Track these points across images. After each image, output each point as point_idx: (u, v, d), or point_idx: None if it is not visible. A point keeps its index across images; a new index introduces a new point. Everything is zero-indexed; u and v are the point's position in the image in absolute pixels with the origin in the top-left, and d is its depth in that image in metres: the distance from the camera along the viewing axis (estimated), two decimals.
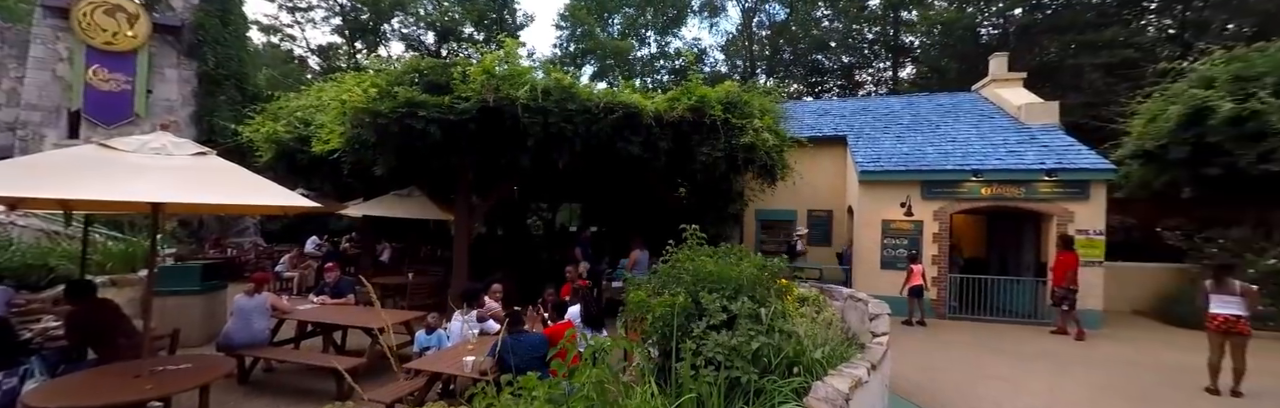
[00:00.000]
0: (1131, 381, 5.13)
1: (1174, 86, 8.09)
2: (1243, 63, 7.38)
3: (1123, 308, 8.95)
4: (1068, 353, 6.21)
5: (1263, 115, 6.62)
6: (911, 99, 11.61)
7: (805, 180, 10.40)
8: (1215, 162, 7.41)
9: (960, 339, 6.79)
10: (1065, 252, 7.25)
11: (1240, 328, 4.65)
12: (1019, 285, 8.17)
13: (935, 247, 8.24)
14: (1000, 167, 7.88)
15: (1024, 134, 8.76)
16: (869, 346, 3.53)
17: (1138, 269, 9.08)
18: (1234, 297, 4.65)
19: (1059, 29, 17.39)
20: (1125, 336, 7.15)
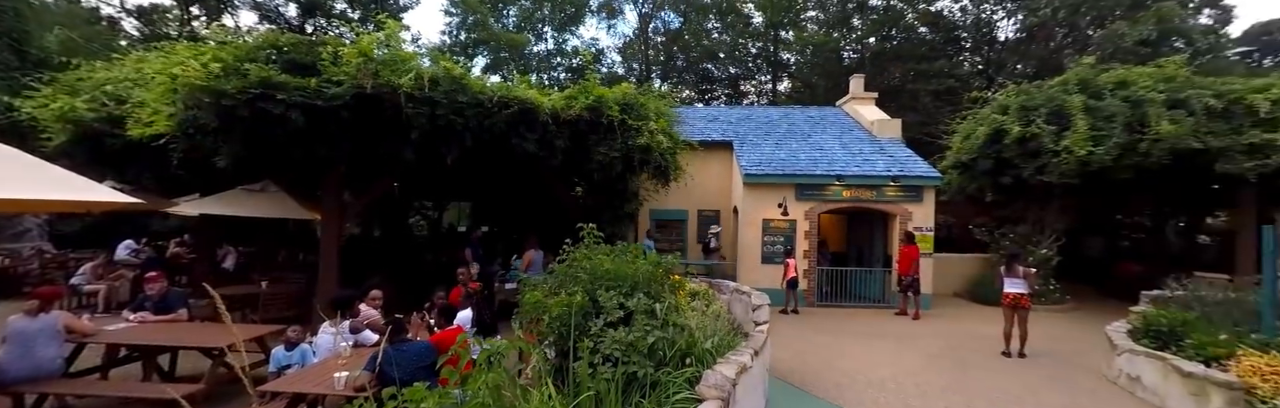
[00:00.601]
0: (952, 349, 6.21)
1: (981, 112, 9.96)
2: (1026, 96, 9.32)
3: (946, 291, 10.78)
4: (908, 330, 7.34)
5: (1039, 137, 8.42)
6: (787, 111, 12.86)
7: (696, 182, 10.93)
8: (1008, 173, 9.27)
9: (826, 324, 7.67)
10: (908, 245, 8.56)
11: (1024, 303, 5.89)
12: (872, 275, 9.47)
13: (806, 243, 9.21)
14: (858, 173, 9.07)
15: (875, 146, 10.17)
16: (752, 334, 3.84)
17: (956, 259, 11.00)
18: (1020, 279, 5.88)
19: (902, 58, 20.47)
20: (948, 314, 8.63)
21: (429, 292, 5.50)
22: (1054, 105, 8.60)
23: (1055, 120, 8.43)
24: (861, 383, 4.88)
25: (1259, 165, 7.45)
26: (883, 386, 4.79)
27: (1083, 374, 5.30)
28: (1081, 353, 6.06)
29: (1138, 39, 15.87)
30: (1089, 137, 7.85)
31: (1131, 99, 8.13)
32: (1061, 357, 5.93)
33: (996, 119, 9.15)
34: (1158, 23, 16.31)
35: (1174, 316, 5.06)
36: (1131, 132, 7.88)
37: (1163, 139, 7.58)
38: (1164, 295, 6.38)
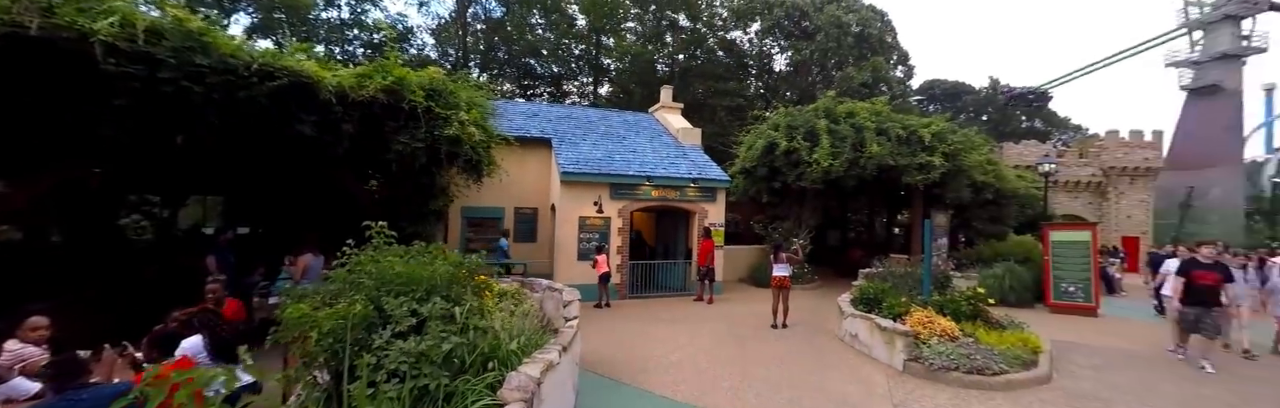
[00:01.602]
0: (735, 327, 7.24)
1: (760, 128, 11.92)
2: (791, 117, 11.48)
3: (734, 278, 12.56)
4: (703, 314, 8.31)
5: (798, 151, 10.46)
6: (605, 113, 13.41)
7: (514, 178, 10.56)
8: (778, 178, 11.27)
9: (635, 314, 8.20)
10: (705, 239, 9.72)
11: (786, 283, 7.19)
12: (676, 267, 10.47)
13: (620, 239, 9.71)
14: (665, 174, 9.94)
15: (680, 151, 11.30)
16: (562, 330, 3.85)
17: (742, 250, 12.91)
18: (784, 264, 7.17)
19: (704, 76, 23.25)
20: (736, 297, 10.05)
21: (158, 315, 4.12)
22: (808, 126, 10.76)
23: (809, 138, 10.57)
24: (663, 365, 5.33)
25: (924, 178, 10.50)
26: (680, 365, 5.31)
27: (824, 337, 6.72)
28: (824, 320, 7.69)
29: (861, 82, 21.00)
30: (830, 152, 10.04)
31: (856, 126, 10.66)
32: (811, 325, 7.43)
33: (771, 134, 11.04)
34: (873, 71, 21.85)
35: (876, 287, 6.81)
36: (855, 150, 10.33)
37: (873, 157, 10.12)
38: (873, 272, 8.53)
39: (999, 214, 13.63)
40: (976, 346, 5.09)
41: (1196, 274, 5.47)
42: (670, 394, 4.43)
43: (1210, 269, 5.49)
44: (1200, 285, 5.42)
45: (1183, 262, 5.98)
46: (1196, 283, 5.44)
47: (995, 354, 4.94)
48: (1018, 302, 9.43)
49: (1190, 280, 5.48)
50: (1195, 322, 5.44)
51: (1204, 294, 5.40)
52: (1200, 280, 5.42)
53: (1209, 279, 5.40)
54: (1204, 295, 5.41)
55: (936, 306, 6.03)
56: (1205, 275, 5.42)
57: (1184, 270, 5.64)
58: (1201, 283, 5.42)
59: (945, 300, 6.15)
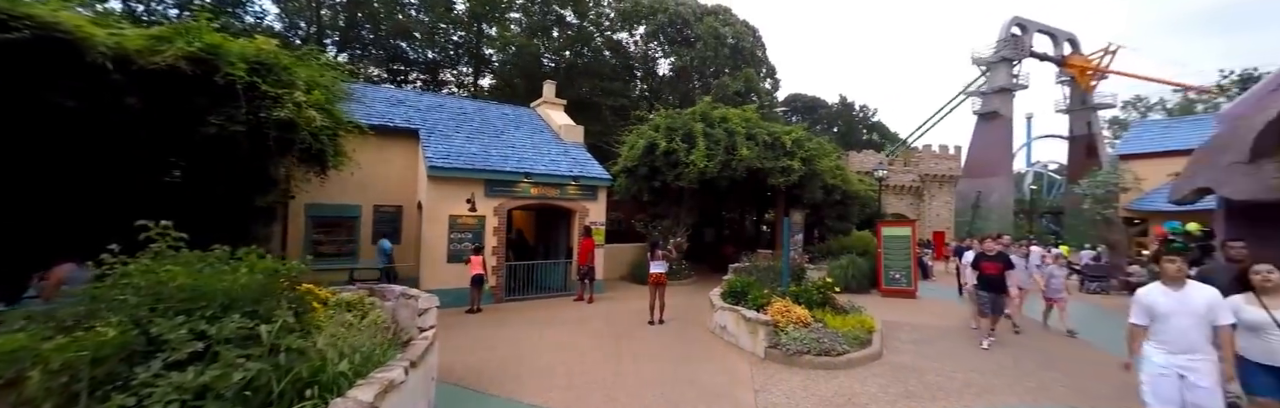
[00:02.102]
0: (614, 324, 7.23)
1: (642, 128, 12.15)
2: (671, 119, 11.89)
3: (614, 276, 12.64)
4: (583, 313, 8.18)
5: (677, 152, 10.85)
6: (483, 105, 12.61)
7: (373, 173, 9.46)
8: (658, 178, 11.58)
9: (512, 317, 7.79)
10: (586, 239, 9.59)
11: (663, 280, 7.36)
12: (557, 267, 10.20)
13: (496, 239, 9.17)
14: (545, 172, 9.62)
15: (562, 148, 11.04)
16: (414, 342, 3.43)
17: (623, 248, 13.06)
18: (661, 261, 7.33)
19: (590, 74, 23.15)
20: (616, 295, 10.09)
21: None
22: (686, 129, 11.22)
23: (687, 140, 11.01)
24: (536, 370, 5.09)
25: (785, 180, 11.56)
26: (553, 369, 5.11)
27: (697, 330, 7.00)
28: (698, 314, 8.03)
29: (735, 90, 22.59)
30: (705, 154, 10.57)
31: (728, 130, 11.35)
32: (686, 319, 7.70)
33: (651, 135, 11.30)
34: (746, 82, 23.64)
35: (743, 280, 7.28)
36: (728, 153, 11.02)
37: (743, 160, 10.87)
38: (740, 267, 9.14)
39: (845, 213, 15.59)
40: (825, 330, 5.67)
41: (984, 265, 6.32)
42: (540, 401, 4.21)
43: (994, 260, 6.32)
44: (988, 275, 6.26)
45: (976, 255, 6.70)
46: (985, 273, 6.29)
47: (840, 337, 5.54)
48: (858, 288, 10.83)
49: (980, 271, 6.35)
50: (990, 305, 6.26)
51: (992, 282, 6.22)
52: (987, 271, 6.26)
53: (993, 269, 6.23)
54: (992, 283, 6.22)
55: (793, 296, 6.62)
56: (990, 266, 6.27)
57: (976, 263, 6.50)
58: (988, 273, 6.25)
59: (800, 291, 6.78)
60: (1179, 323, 2.97)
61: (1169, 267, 3.10)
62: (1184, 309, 2.97)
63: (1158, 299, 3.07)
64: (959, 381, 4.82)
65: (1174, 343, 2.98)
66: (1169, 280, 3.10)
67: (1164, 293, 3.08)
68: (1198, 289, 3.03)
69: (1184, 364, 2.94)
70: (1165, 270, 3.12)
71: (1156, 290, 3.12)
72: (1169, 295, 3.04)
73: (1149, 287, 3.19)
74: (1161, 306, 3.04)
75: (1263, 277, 3.07)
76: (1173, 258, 3.12)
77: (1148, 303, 3.09)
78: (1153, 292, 3.12)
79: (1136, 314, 3.14)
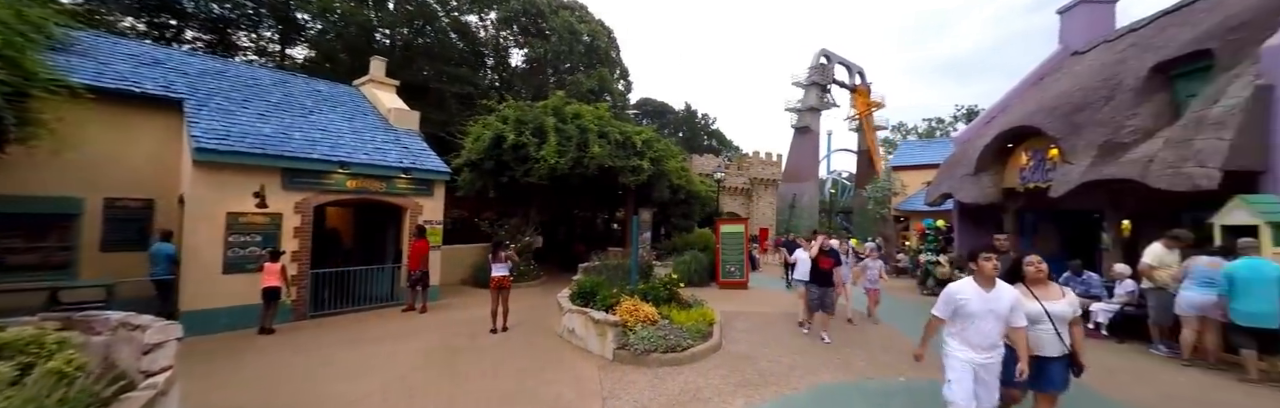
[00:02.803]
0: (450, 337, 6.39)
1: (489, 119, 11.23)
2: (521, 112, 11.20)
3: (454, 280, 11.47)
4: (413, 326, 7.11)
5: (527, 147, 10.24)
6: (287, 77, 10.29)
7: (107, 154, 7.10)
8: (506, 173, 10.81)
9: (318, 337, 6.39)
10: (419, 240, 8.41)
11: (506, 283, 6.75)
12: (382, 273, 8.77)
13: (298, 242, 7.50)
14: (368, 161, 8.19)
15: (391, 135, 9.58)
16: (129, 396, 2.39)
17: (465, 249, 11.92)
18: (503, 263, 6.71)
19: (433, 57, 20.89)
20: (455, 302, 9.06)
21: None
22: (538, 123, 10.67)
23: (537, 134, 10.47)
24: (346, 400, 4.14)
25: (635, 179, 11.75)
26: (362, 403, 4.21)
27: (544, 335, 6.56)
28: (546, 318, 7.59)
29: (589, 88, 22.56)
30: (557, 150, 10.16)
31: (581, 127, 11.10)
32: (533, 324, 7.20)
33: (500, 127, 10.50)
34: (600, 81, 23.78)
35: (592, 280, 7.07)
36: (580, 150, 10.77)
37: (595, 157, 10.73)
38: (590, 266, 8.95)
39: (689, 211, 16.60)
40: (671, 326, 5.73)
41: (818, 260, 6.43)
42: None
43: (827, 256, 6.42)
44: (822, 270, 6.37)
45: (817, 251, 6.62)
46: (819, 267, 6.40)
47: (684, 332, 5.64)
48: (699, 282, 11.51)
49: (814, 266, 6.46)
50: (820, 300, 6.34)
51: (824, 277, 6.35)
52: (821, 265, 6.39)
53: (827, 265, 6.37)
54: (824, 278, 6.35)
55: (642, 294, 6.62)
56: (825, 261, 6.39)
57: (811, 258, 6.57)
58: (822, 267, 6.37)
59: (649, 288, 6.81)
60: (985, 324, 2.93)
61: (985, 265, 2.96)
62: (992, 311, 2.92)
63: (970, 298, 2.95)
64: (785, 364, 5.24)
65: (979, 343, 2.96)
66: (984, 279, 2.98)
67: (977, 293, 2.96)
68: (1005, 290, 2.97)
69: (982, 362, 2.97)
70: (981, 269, 2.97)
71: (970, 289, 2.99)
72: (981, 296, 2.94)
73: (961, 284, 3.05)
74: (972, 305, 2.94)
75: (1035, 267, 3.12)
76: (990, 256, 2.97)
77: (959, 301, 2.98)
78: (965, 290, 2.99)
79: (942, 308, 3.06)
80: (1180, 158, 6.46)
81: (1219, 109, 6.42)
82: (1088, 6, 12.88)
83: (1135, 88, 8.25)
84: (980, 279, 3.02)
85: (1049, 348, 3.06)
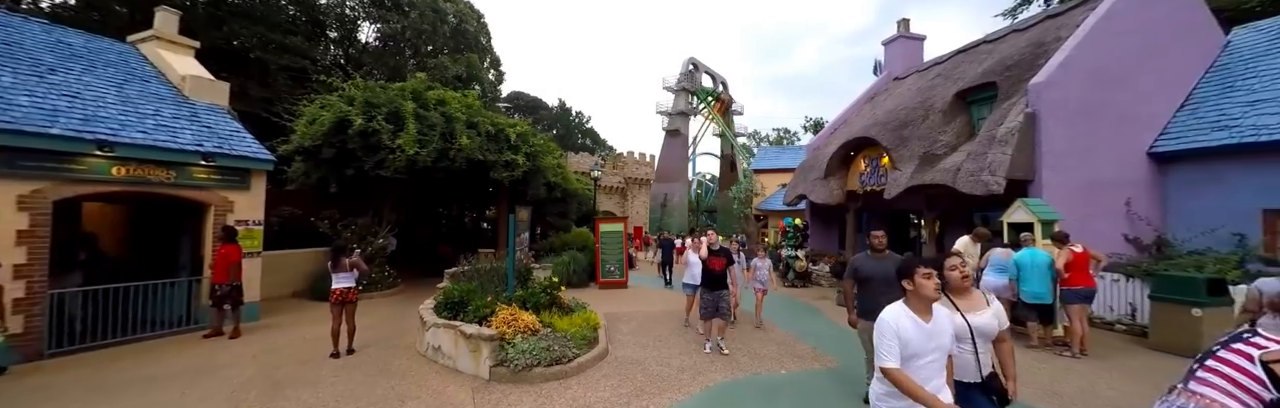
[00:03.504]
0: (271, 369, 5.06)
1: (329, 98, 9.43)
2: (371, 93, 9.60)
3: (283, 293, 9.47)
4: (217, 356, 5.52)
5: (379, 134, 8.79)
6: (17, 21, 7.37)
7: None
8: (352, 164, 9.18)
9: (77, 381, 4.58)
10: (227, 245, 6.64)
11: (350, 296, 5.60)
12: (173, 289, 6.74)
13: (24, 252, 5.35)
14: (146, 142, 6.20)
15: (185, 109, 7.43)
16: None
17: (297, 255, 9.91)
18: (347, 273, 5.55)
19: (255, 19, 17.14)
20: (282, 321, 7.37)
21: None
22: (393, 107, 9.24)
23: (393, 121, 9.07)
24: None
25: (509, 175, 10.90)
26: None
27: (402, 356, 5.57)
28: (404, 333, 6.52)
29: (455, 74, 20.63)
30: (417, 139, 8.90)
31: (446, 115, 9.91)
32: (387, 343, 6.11)
33: (345, 109, 8.87)
34: (468, 67, 21.91)
35: (462, 288, 6.23)
36: (445, 140, 9.60)
37: (463, 150, 9.66)
38: (459, 271, 7.97)
39: (565, 210, 16.05)
40: (555, 335, 5.25)
41: (709, 261, 5.83)
42: None
43: (718, 256, 5.84)
44: (712, 271, 5.78)
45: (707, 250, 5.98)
46: (709, 268, 5.80)
47: (569, 340, 5.20)
48: (578, 283, 11.12)
49: (706, 267, 5.84)
50: (713, 306, 5.68)
51: (716, 279, 5.76)
52: (712, 266, 5.79)
53: (718, 265, 5.77)
54: (716, 280, 5.76)
55: (520, 301, 6.00)
56: (716, 262, 5.79)
57: (702, 259, 5.93)
58: (713, 269, 5.79)
59: (528, 294, 6.21)
60: (930, 366, 2.16)
61: (926, 284, 2.16)
62: (939, 348, 2.17)
63: (910, 335, 2.12)
64: (674, 367, 5.12)
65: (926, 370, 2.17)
66: (921, 305, 2.18)
67: (915, 325, 2.15)
68: (943, 316, 2.24)
69: None
70: (919, 289, 2.17)
71: (906, 322, 2.16)
72: (921, 329, 2.14)
73: (893, 313, 2.18)
74: (914, 344, 2.11)
75: (959, 272, 2.43)
76: (929, 272, 2.18)
77: (902, 340, 2.12)
78: (901, 322, 2.16)
79: (891, 351, 2.10)
80: (979, 168, 7.85)
81: (1004, 129, 7.93)
82: (904, 40, 15.32)
83: (943, 110, 9.91)
84: (915, 303, 2.19)
85: (966, 373, 2.39)
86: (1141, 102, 8.56)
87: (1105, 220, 8.04)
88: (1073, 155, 7.84)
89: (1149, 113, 8.64)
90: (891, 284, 3.30)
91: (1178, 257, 7.53)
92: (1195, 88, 9.03)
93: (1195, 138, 8.11)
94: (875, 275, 3.92)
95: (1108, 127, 8.21)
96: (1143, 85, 8.57)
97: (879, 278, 3.85)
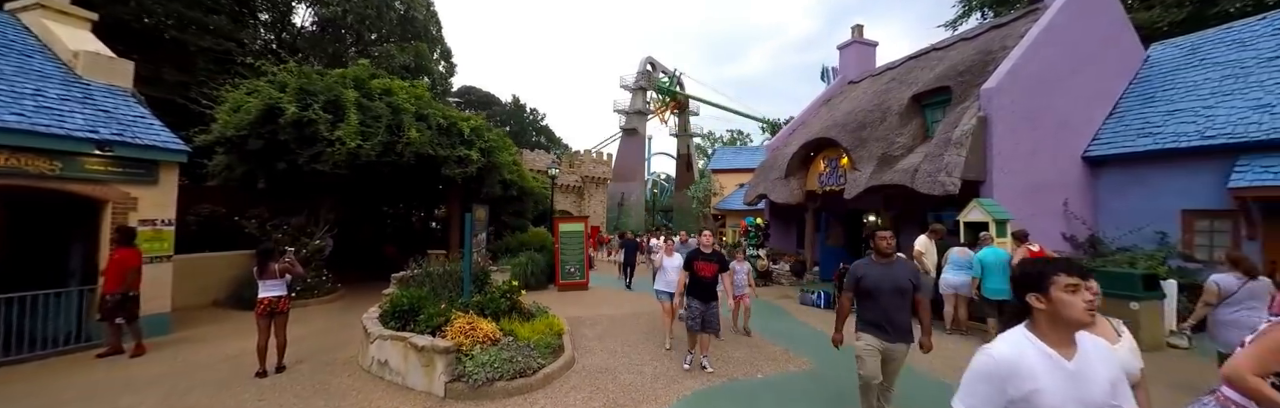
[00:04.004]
0: (189, 387, 4.36)
1: (258, 83, 8.47)
2: (307, 79, 8.70)
3: (202, 302, 8.45)
4: (120, 377, 4.73)
5: (316, 124, 7.96)
6: None
7: None
8: (284, 158, 8.29)
9: None
10: (123, 248, 5.73)
11: (281, 306, 4.94)
12: (59, 300, 5.74)
13: None
14: (22, 126, 5.22)
15: (77, 90, 6.37)
16: None
17: (217, 258, 8.87)
18: (277, 280, 4.89)
19: None
20: (197, 335, 6.49)
21: None
22: (333, 95, 8.41)
23: (332, 110, 8.25)
24: None
25: (463, 172, 10.26)
26: None
27: (342, 372, 4.98)
28: (344, 346, 5.88)
29: (403, 64, 19.45)
30: (359, 131, 8.14)
31: (393, 106, 9.15)
32: (324, 358, 5.47)
33: (275, 96, 7.96)
34: (416, 57, 20.72)
35: (412, 294, 5.68)
36: (392, 133, 8.86)
37: (412, 143, 8.95)
38: (408, 275, 7.33)
39: (521, 209, 15.43)
40: (517, 344, 4.84)
41: (699, 266, 4.91)
42: None
43: (709, 260, 4.92)
44: (702, 278, 4.88)
45: (689, 254, 5.11)
46: (698, 275, 4.90)
47: (532, 350, 4.81)
48: (537, 285, 10.63)
49: (694, 273, 4.92)
50: (701, 320, 4.83)
51: (706, 288, 4.90)
52: (702, 273, 4.89)
53: (709, 271, 4.91)
54: (705, 289, 4.90)
55: (478, 307, 5.54)
56: (705, 267, 4.91)
57: (689, 263, 4.97)
58: (703, 275, 4.88)
59: (486, 300, 5.75)
60: None
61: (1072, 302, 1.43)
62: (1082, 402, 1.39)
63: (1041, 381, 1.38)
64: (648, 375, 4.85)
65: None
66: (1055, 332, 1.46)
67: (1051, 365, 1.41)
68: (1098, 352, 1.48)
69: None
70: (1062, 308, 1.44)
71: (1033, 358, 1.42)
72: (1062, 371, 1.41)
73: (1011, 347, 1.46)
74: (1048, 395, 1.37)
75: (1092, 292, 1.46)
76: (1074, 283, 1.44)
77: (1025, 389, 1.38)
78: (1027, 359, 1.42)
79: None
80: (936, 169, 8.06)
81: (958, 132, 8.19)
82: (858, 46, 15.79)
83: (899, 112, 10.19)
84: (1050, 330, 1.47)
85: None
86: (1077, 108, 9.12)
87: (1047, 219, 8.49)
88: (1018, 158, 8.21)
89: (1083, 119, 9.23)
90: (905, 296, 3.12)
91: (1110, 254, 8.05)
92: (1121, 97, 9.74)
93: (1123, 143, 8.72)
94: (882, 286, 3.22)
95: (1048, 131, 8.67)
96: (1078, 93, 9.14)
97: (888, 290, 3.21)
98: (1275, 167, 6.82)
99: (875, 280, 3.28)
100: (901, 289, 3.18)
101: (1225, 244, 7.53)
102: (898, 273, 3.25)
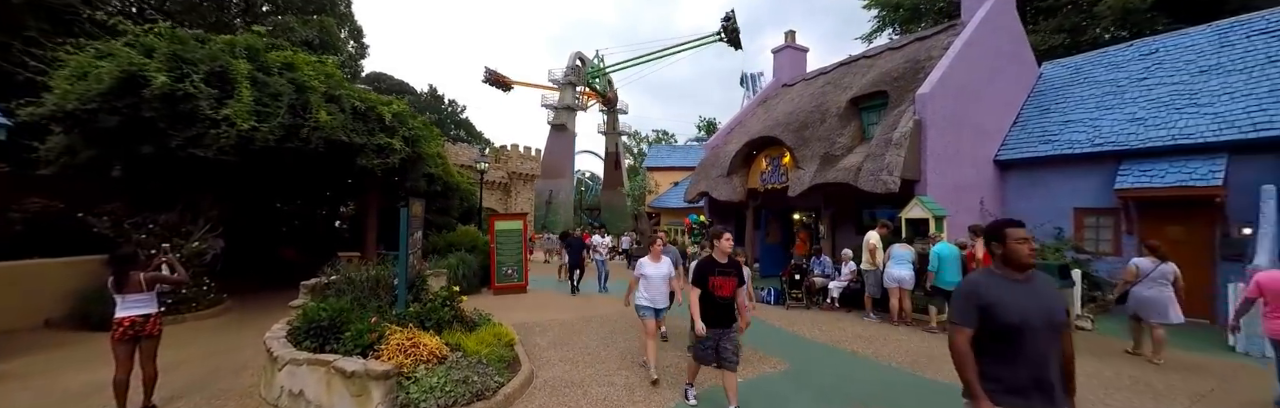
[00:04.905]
0: None
1: (115, 45, 6.79)
2: (183, 45, 7.12)
3: (33, 321, 6.66)
4: None
5: (195, 100, 6.51)
6: None
7: None
8: (150, 140, 6.72)
9: None
10: None
11: (150, 329, 3.83)
12: None
13: None
14: None
15: None
16: None
17: (52, 266, 7.05)
18: (141, 294, 3.78)
19: None
20: (24, 368, 4.97)
21: None
22: (218, 65, 6.95)
23: (218, 84, 6.82)
24: None
25: (383, 163, 9.05)
26: None
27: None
28: (238, 373, 4.78)
29: (305, 38, 17.10)
30: (253, 110, 6.80)
31: (298, 83, 7.80)
32: (211, 390, 4.36)
33: (138, 61, 6.40)
34: (321, 31, 18.35)
35: (332, 305, 4.72)
36: (295, 115, 7.54)
37: (322, 128, 7.68)
38: (319, 283, 6.21)
39: (447, 206, 14.19)
40: (468, 361, 4.15)
41: (716, 281, 3.61)
42: None
43: (728, 274, 3.65)
44: (720, 299, 3.62)
45: (699, 264, 3.76)
46: (715, 297, 3.61)
47: (487, 366, 4.16)
48: (470, 289, 9.70)
49: (711, 292, 3.60)
50: (715, 351, 3.63)
51: (723, 310, 3.65)
52: (720, 291, 3.61)
53: (728, 289, 3.63)
54: (723, 312, 3.65)
55: (416, 318, 4.74)
56: (725, 283, 3.62)
57: (701, 277, 3.65)
58: (721, 295, 3.61)
59: (426, 309, 4.96)
60: None
61: None
62: None
63: None
64: (620, 386, 4.38)
65: None
66: None
67: None
68: None
69: None
70: None
71: None
72: None
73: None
74: None
75: None
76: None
77: None
78: None
79: None
80: (878, 168, 8.37)
81: (898, 133, 8.56)
82: (791, 51, 16.35)
83: (838, 114, 10.54)
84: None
85: None
86: (990, 116, 9.99)
87: (966, 216, 9.16)
88: (946, 159, 8.79)
89: (995, 126, 10.12)
90: (1057, 335, 1.98)
91: None
92: (1022, 108, 10.84)
93: (1026, 149, 9.67)
94: (1032, 319, 1.96)
95: (968, 135, 9.39)
96: (991, 102, 10.00)
97: (1040, 325, 1.96)
98: (1151, 170, 7.85)
99: (1020, 310, 1.96)
100: (1055, 324, 1.99)
101: (1109, 238, 8.59)
102: (1045, 296, 2.05)
